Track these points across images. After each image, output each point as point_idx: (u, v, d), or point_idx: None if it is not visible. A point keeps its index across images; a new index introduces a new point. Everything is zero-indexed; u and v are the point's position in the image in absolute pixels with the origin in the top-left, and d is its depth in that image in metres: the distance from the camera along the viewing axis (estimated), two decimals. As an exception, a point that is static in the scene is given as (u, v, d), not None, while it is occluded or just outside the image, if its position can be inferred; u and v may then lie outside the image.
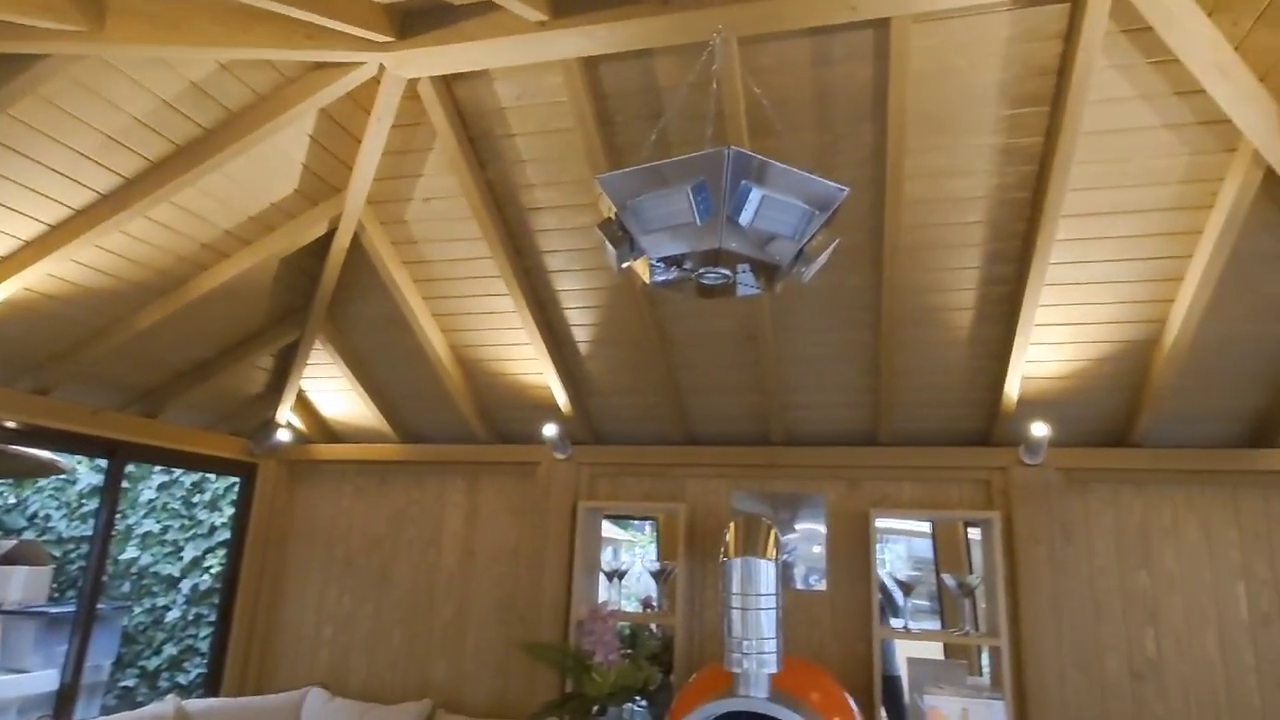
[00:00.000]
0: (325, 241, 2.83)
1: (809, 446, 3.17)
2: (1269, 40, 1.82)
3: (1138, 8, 1.86)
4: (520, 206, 2.67)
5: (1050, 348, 2.69)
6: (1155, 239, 2.36)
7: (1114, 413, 2.85)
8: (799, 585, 3.07)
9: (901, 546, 4.74)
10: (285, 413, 3.53)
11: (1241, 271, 2.34)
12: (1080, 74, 1.99)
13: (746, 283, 1.77)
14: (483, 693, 3.25)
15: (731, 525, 2.37)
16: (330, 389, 3.53)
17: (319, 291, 3.00)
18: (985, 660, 3.28)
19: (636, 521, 4.72)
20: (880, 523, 2.93)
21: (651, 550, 4.10)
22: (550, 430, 3.18)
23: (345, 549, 3.62)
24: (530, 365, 3.18)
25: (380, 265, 2.88)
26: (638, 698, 2.90)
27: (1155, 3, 1.84)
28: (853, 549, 3.04)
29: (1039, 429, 2.76)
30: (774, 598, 2.20)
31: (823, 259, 1.65)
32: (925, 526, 3.76)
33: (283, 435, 3.52)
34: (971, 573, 3.35)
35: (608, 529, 4.39)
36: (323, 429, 3.76)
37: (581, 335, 3.04)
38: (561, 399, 3.21)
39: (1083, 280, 2.49)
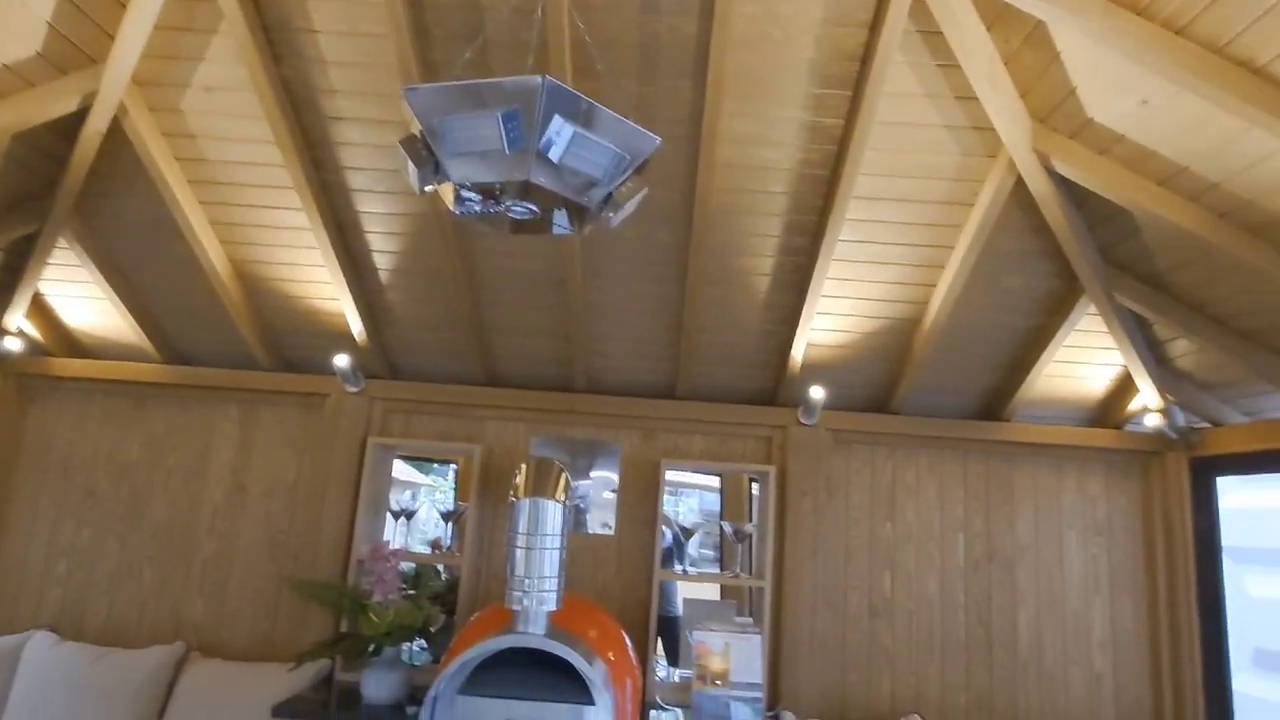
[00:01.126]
0: (77, 121, 2.42)
1: (609, 395, 3.23)
2: (1031, 60, 2.06)
3: (932, 11, 2.03)
4: (320, 113, 2.44)
5: (833, 318, 2.93)
6: (926, 228, 2.62)
7: (879, 382, 3.17)
8: (591, 530, 3.16)
9: (695, 499, 5.03)
10: (16, 318, 3.02)
11: (989, 266, 2.67)
12: (879, 64, 2.14)
13: (555, 221, 1.74)
14: (246, 634, 3.05)
15: (523, 466, 2.37)
16: (76, 295, 3.07)
17: (66, 179, 2.57)
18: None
19: (438, 465, 4.61)
20: (675, 475, 3.07)
21: (451, 495, 4.03)
22: (342, 361, 2.99)
23: (88, 478, 3.21)
24: (324, 290, 2.96)
25: (146, 158, 2.51)
26: (418, 638, 2.87)
27: (946, 9, 2.01)
28: (643, 496, 3.16)
29: (816, 392, 3.01)
30: (559, 538, 2.24)
31: (630, 206, 1.66)
32: (716, 481, 4.00)
33: (11, 344, 3.02)
34: (751, 522, 3.63)
35: (409, 473, 4.25)
36: (65, 341, 3.27)
37: (383, 263, 2.87)
38: (356, 328, 3.02)
39: (864, 259, 2.72)
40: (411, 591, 2.87)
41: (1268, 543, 3.29)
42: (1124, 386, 3.07)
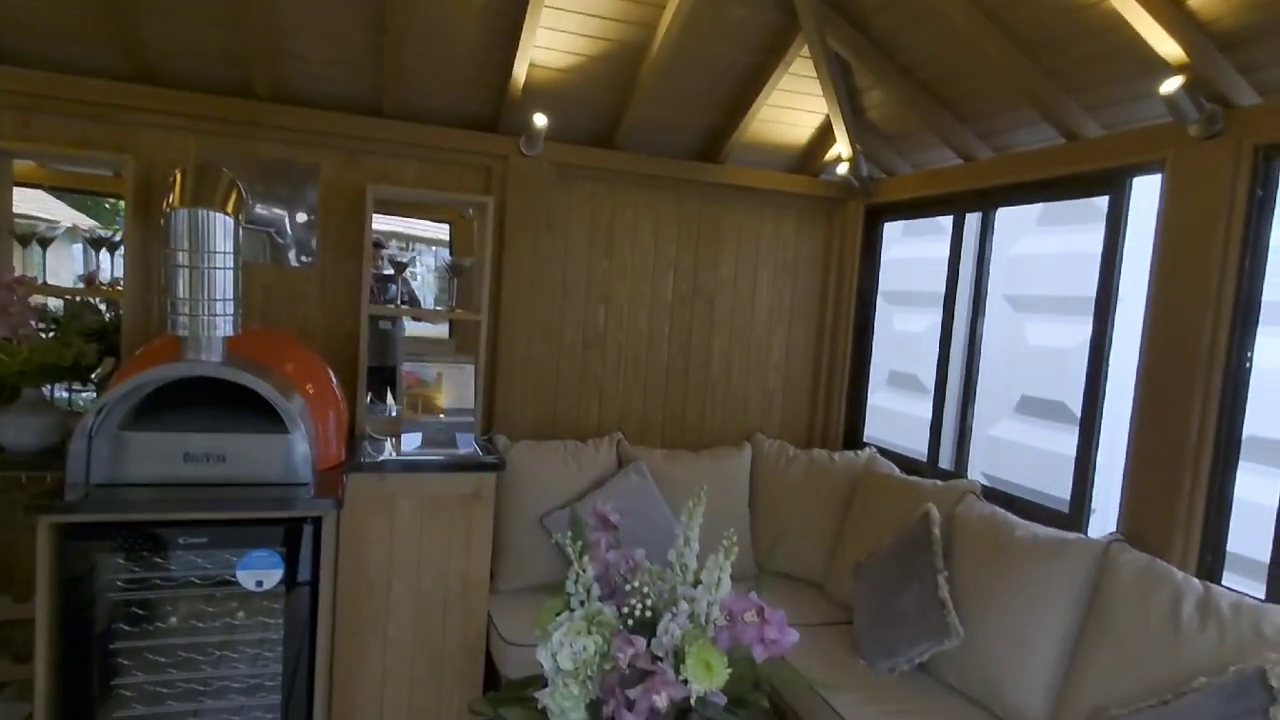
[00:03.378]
0: None
1: (303, 108, 2.78)
2: None
3: None
4: None
5: (558, 35, 2.69)
6: (660, -66, 2.42)
7: (603, 115, 3.06)
8: (293, 264, 2.86)
9: (431, 259, 4.79)
10: None
11: (719, -11, 2.57)
12: None
13: None
14: None
15: (178, 172, 1.98)
16: None
17: None
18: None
19: (108, 204, 3.78)
20: (402, 226, 2.80)
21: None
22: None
23: None
24: None
25: None
26: (74, 381, 2.48)
27: None
28: (347, 225, 2.88)
29: (539, 120, 2.84)
30: (230, 257, 1.95)
31: None
32: (446, 232, 3.74)
33: None
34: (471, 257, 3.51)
35: (70, 215, 3.46)
36: None
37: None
38: (-83, -18, 2.20)
39: (593, -36, 2.47)
40: (53, 328, 2.42)
41: (914, 287, 3.93)
42: (824, 136, 3.29)
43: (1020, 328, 3.76)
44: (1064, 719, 1.97)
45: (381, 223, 3.38)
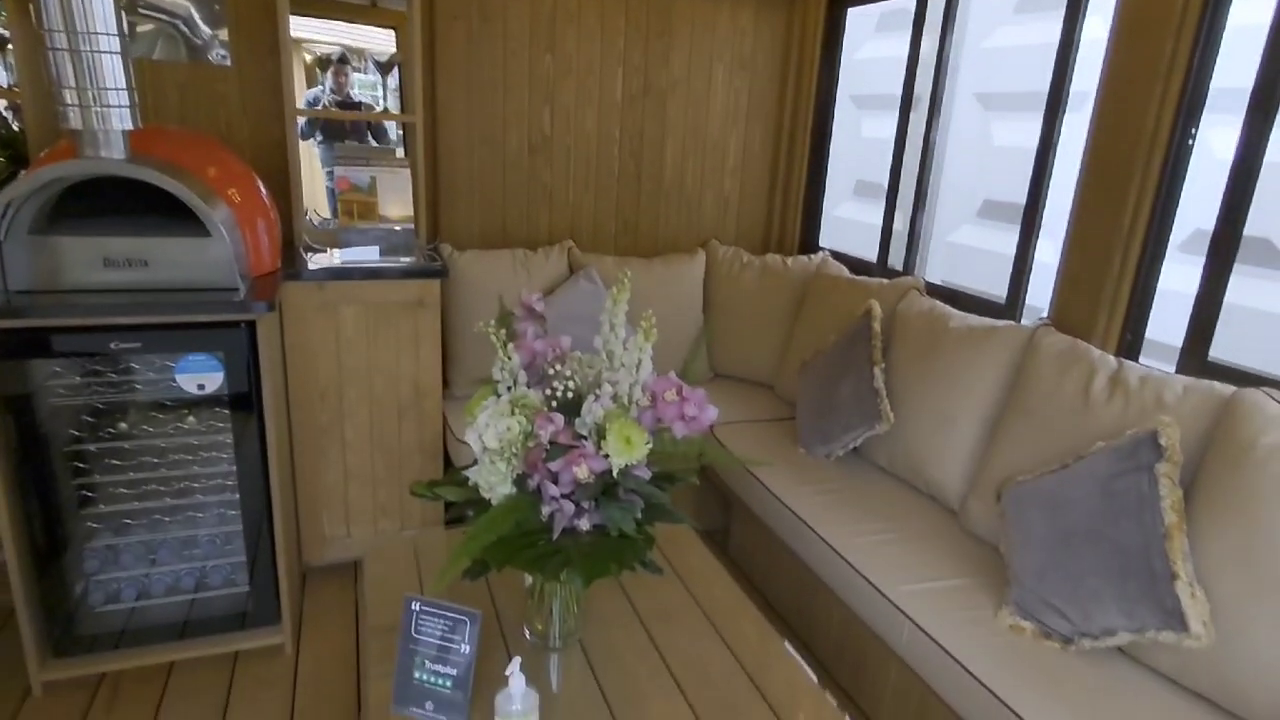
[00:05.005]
0: None
1: (190, -127, 2.45)
2: None
3: None
4: None
5: None
6: None
7: (538, -119, 2.74)
8: (209, 58, 2.65)
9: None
10: None
11: None
12: None
13: None
14: None
15: (41, -62, 1.76)
16: None
17: None
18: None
19: None
20: (340, 37, 2.54)
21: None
22: None
23: None
24: None
25: None
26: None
27: None
28: (265, 18, 2.64)
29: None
30: (116, 40, 1.78)
31: None
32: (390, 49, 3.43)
33: None
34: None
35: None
36: None
37: None
38: None
39: None
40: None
41: (885, 89, 3.73)
42: (784, -94, 2.98)
43: (988, 127, 3.64)
44: (978, 489, 2.11)
45: (316, 30, 3.11)
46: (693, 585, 1.99)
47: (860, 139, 4.24)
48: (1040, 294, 2.64)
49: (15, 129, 2.63)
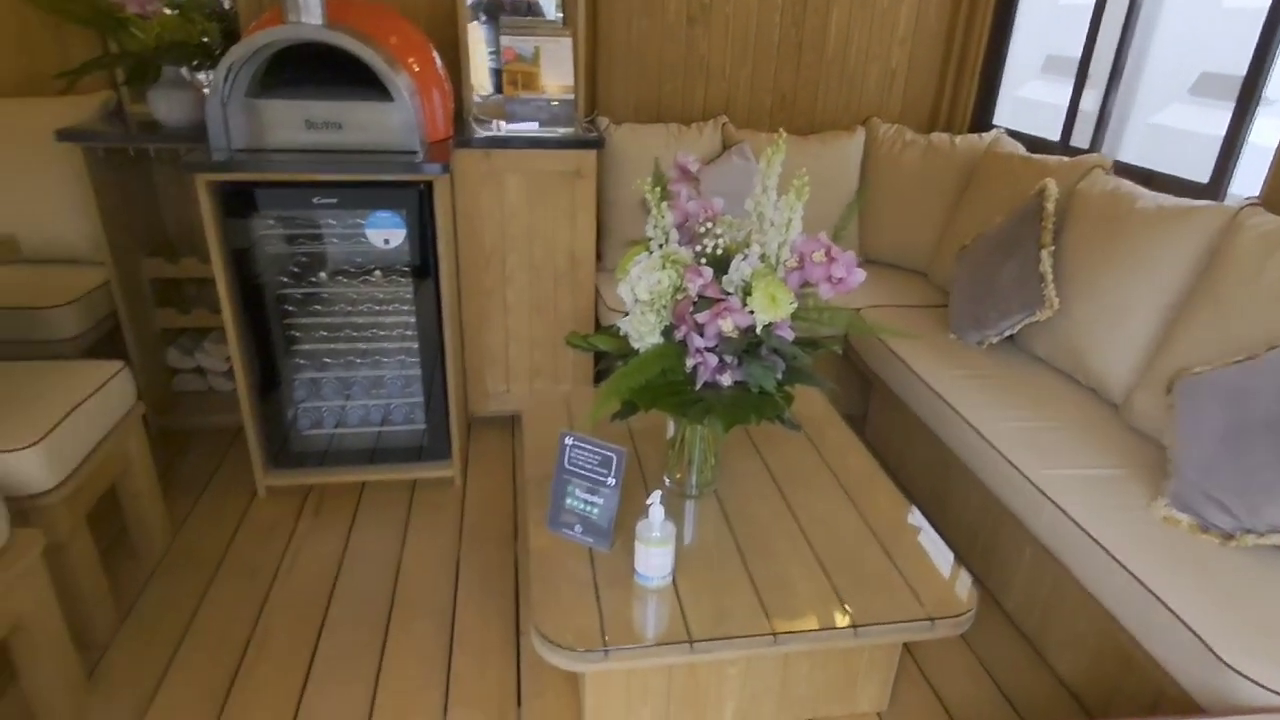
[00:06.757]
0: None
1: None
2: None
3: None
4: None
5: None
6: None
7: None
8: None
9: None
10: None
11: None
12: None
13: None
14: (2, 69, 2.72)
15: None
16: None
17: None
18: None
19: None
20: None
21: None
22: None
23: None
24: None
25: None
26: (203, 61, 2.64)
27: None
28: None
29: None
30: (312, -92, 1.91)
31: None
32: None
33: None
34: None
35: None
36: None
37: None
38: None
39: None
40: (176, 6, 2.54)
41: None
42: None
43: (1220, -12, 3.15)
44: (1147, 381, 1.99)
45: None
46: (826, 452, 2.05)
47: (1057, 4, 3.79)
48: (1249, 181, 2.34)
49: (226, 5, 2.89)
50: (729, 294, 1.56)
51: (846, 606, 1.52)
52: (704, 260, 1.60)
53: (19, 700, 1.72)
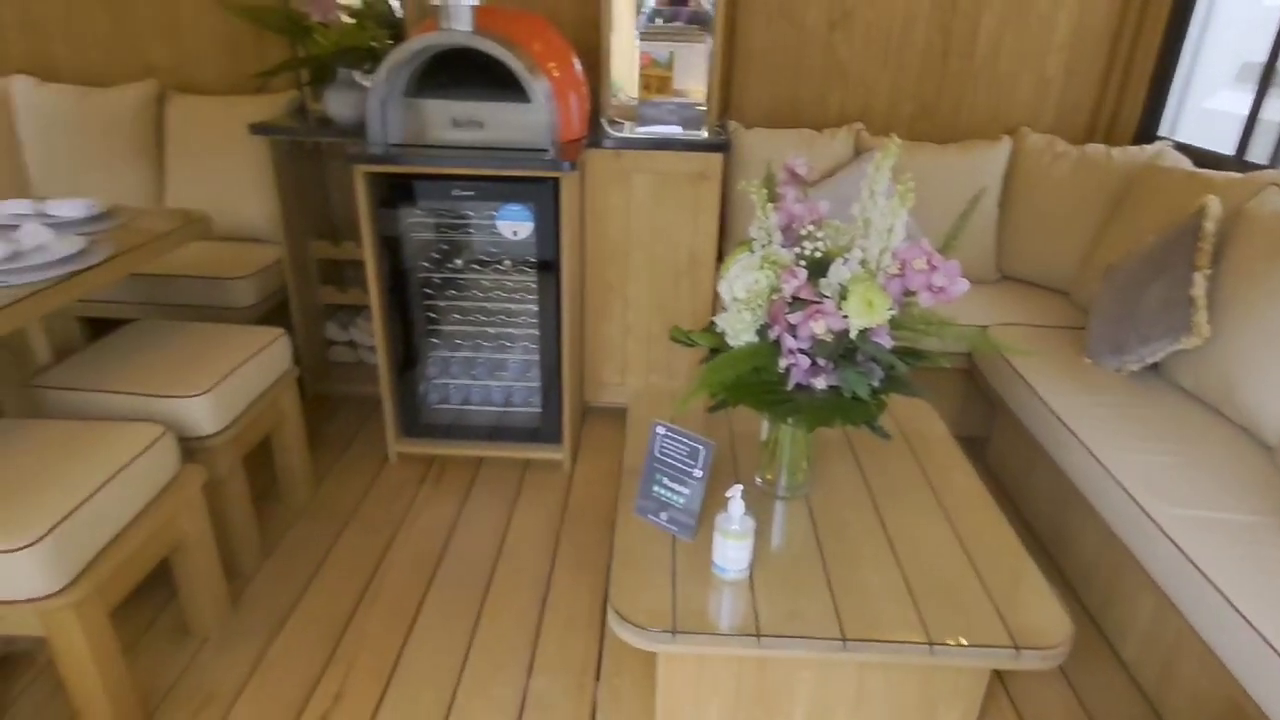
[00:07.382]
0: None
1: None
2: None
3: None
4: None
5: None
6: None
7: None
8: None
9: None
10: None
11: None
12: None
13: None
14: (212, 71, 3.14)
15: None
16: None
17: None
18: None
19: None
20: None
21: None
22: None
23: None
24: None
25: None
26: (371, 64, 2.92)
27: None
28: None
29: None
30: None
31: None
32: None
33: None
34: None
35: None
36: None
37: None
38: None
39: None
40: (354, 15, 2.83)
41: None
42: None
43: None
44: (1306, 424, 1.79)
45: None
46: (931, 469, 1.99)
47: (1262, 4, 3.41)
48: None
49: (398, 15, 3.19)
50: (826, 297, 1.56)
51: (925, 622, 1.48)
52: (803, 263, 1.61)
53: (177, 612, 2.00)
